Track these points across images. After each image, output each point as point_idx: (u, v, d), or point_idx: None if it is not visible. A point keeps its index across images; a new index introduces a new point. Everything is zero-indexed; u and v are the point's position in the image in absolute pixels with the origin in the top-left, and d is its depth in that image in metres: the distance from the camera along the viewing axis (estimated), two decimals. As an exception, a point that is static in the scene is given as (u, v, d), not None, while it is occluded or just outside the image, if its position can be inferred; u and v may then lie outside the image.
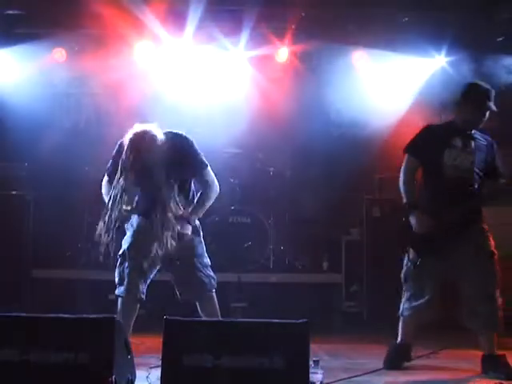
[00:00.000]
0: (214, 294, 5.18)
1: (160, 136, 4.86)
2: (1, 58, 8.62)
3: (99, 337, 3.74)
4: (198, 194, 5.15)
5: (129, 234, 5.11)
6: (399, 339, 5.48)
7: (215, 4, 7.67)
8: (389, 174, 5.50)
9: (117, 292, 5.00)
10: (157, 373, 3.84)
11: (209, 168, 5.13)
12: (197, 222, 5.13)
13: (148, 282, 5.04)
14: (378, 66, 8.71)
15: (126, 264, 4.96)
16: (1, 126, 8.64)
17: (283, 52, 8.65)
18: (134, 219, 5.13)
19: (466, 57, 8.24)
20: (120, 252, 5.03)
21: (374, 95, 8.69)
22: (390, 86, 8.81)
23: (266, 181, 8.74)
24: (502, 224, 7.14)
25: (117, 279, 5.02)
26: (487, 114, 5.30)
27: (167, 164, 4.88)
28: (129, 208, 5.00)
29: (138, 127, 4.83)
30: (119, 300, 4.98)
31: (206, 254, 5.20)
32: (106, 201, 4.98)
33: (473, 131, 5.36)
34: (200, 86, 8.76)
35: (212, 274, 5.18)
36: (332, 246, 8.52)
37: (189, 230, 4.98)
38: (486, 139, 5.41)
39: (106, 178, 5.20)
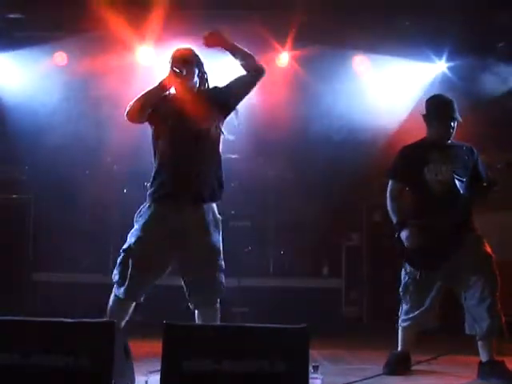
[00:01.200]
0: (219, 305, 4.81)
1: None
2: (2, 61, 8.63)
3: (99, 341, 3.73)
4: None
5: (137, 226, 4.73)
6: (399, 347, 5.49)
7: (216, 8, 7.68)
8: (388, 179, 5.52)
9: (115, 292, 4.68)
10: (156, 378, 3.84)
11: None
12: (217, 217, 4.83)
13: (153, 284, 4.75)
14: (379, 70, 8.72)
15: (130, 262, 4.62)
16: (1, 130, 8.64)
17: (284, 57, 8.66)
18: (145, 207, 4.76)
19: (467, 62, 8.25)
20: (124, 247, 4.69)
21: (375, 100, 8.69)
22: (391, 91, 8.81)
23: (266, 185, 8.74)
24: (501, 229, 7.16)
25: (117, 277, 4.67)
26: (454, 124, 5.37)
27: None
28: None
29: None
30: (115, 299, 4.69)
31: (222, 257, 4.82)
32: None
33: (448, 142, 5.42)
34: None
35: (223, 280, 4.80)
36: (332, 250, 8.53)
37: None
38: (464, 146, 5.48)
39: None
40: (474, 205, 5.35)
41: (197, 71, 4.93)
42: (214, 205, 4.84)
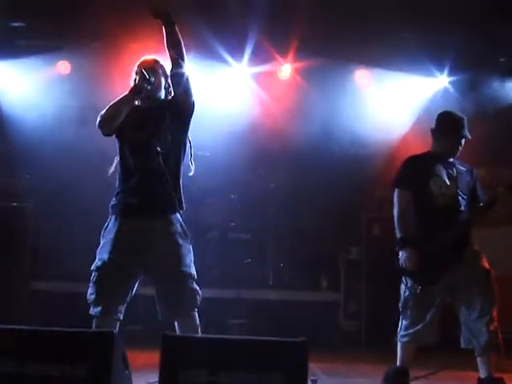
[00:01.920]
0: (196, 313, 4.68)
1: None
2: (5, 70, 8.64)
3: (97, 351, 3.72)
4: None
5: (104, 241, 4.67)
6: (397, 362, 5.46)
7: (218, 20, 7.70)
8: (389, 192, 5.50)
9: (92, 312, 4.58)
10: (153, 388, 3.82)
11: None
12: (185, 228, 4.72)
13: (129, 299, 4.66)
14: (381, 84, 8.73)
15: (104, 280, 4.56)
16: (3, 138, 8.65)
17: (286, 69, 8.68)
18: (111, 221, 4.71)
19: (469, 77, 8.27)
20: (95, 265, 4.63)
21: (376, 114, 8.70)
22: (393, 104, 8.82)
23: (266, 197, 8.75)
24: (501, 245, 7.15)
25: (92, 297, 4.57)
26: (463, 142, 5.40)
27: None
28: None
29: None
30: (95, 320, 4.58)
31: (194, 266, 4.69)
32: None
33: (451, 159, 5.45)
34: (202, 102, 8.74)
35: (197, 288, 4.67)
36: (331, 264, 8.52)
37: None
38: (465, 166, 5.51)
39: None
40: (472, 223, 5.35)
41: (163, 82, 4.88)
42: (179, 215, 4.77)
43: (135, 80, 4.76)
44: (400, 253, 5.30)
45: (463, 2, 7.10)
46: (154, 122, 4.71)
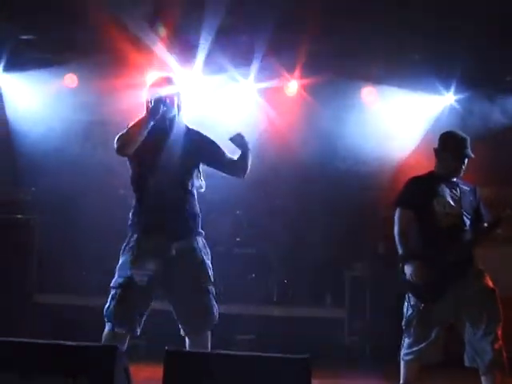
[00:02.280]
0: (209, 333, 4.76)
1: None
2: (13, 82, 8.68)
3: (100, 365, 3.72)
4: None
5: (124, 259, 4.72)
6: (401, 381, 5.43)
7: (225, 35, 7.73)
8: (394, 210, 5.51)
9: (110, 327, 4.62)
10: (156, 403, 3.81)
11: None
12: (206, 244, 4.82)
13: (147, 314, 4.72)
14: (387, 102, 8.74)
15: (123, 297, 4.59)
16: (9, 151, 8.67)
17: (293, 85, 8.69)
18: (131, 239, 4.75)
19: (475, 95, 8.28)
20: (115, 282, 4.67)
21: (382, 131, 8.70)
22: (399, 122, 8.82)
23: (271, 213, 8.75)
24: (504, 265, 7.13)
25: (111, 314, 4.61)
26: (466, 161, 5.42)
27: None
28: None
29: None
30: (109, 333, 4.61)
31: (213, 282, 4.80)
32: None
33: (455, 179, 5.46)
34: (209, 117, 8.79)
35: (216, 305, 4.78)
36: (336, 280, 8.50)
37: None
38: (468, 186, 5.52)
39: None
40: (476, 243, 5.35)
41: (176, 100, 4.91)
42: (200, 232, 4.87)
43: (150, 102, 4.79)
44: (405, 267, 5.28)
45: (469, 19, 7.12)
46: (171, 142, 4.76)
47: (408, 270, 5.27)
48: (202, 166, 4.94)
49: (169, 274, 4.67)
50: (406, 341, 5.36)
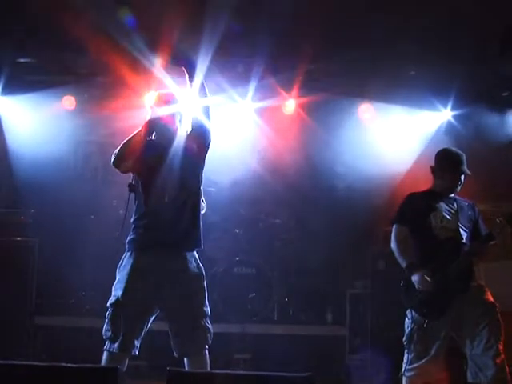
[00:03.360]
0: (207, 351, 4.71)
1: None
2: (11, 105, 8.70)
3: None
4: None
5: (120, 277, 4.67)
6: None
7: (223, 55, 7.75)
8: (391, 226, 5.52)
9: (108, 347, 4.56)
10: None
11: None
12: (200, 265, 4.77)
13: (144, 334, 4.67)
14: (385, 119, 8.77)
15: (120, 316, 4.54)
16: (9, 173, 8.68)
17: (290, 104, 8.72)
18: (127, 257, 4.70)
19: (472, 111, 8.30)
20: (111, 301, 4.63)
21: (380, 148, 8.72)
22: (396, 139, 8.84)
23: (271, 232, 8.75)
24: (503, 280, 7.11)
25: (109, 333, 4.56)
26: (463, 178, 5.45)
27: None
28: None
29: None
30: (109, 355, 4.56)
31: (207, 303, 4.75)
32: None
33: (452, 195, 5.50)
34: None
35: (210, 326, 4.72)
36: (336, 298, 8.48)
37: None
38: (466, 201, 5.56)
39: None
40: (474, 255, 5.36)
41: (180, 117, 4.93)
42: (195, 253, 4.81)
43: (150, 116, 4.82)
44: (412, 278, 5.28)
45: (466, 36, 7.15)
46: (171, 158, 4.74)
47: (415, 279, 5.26)
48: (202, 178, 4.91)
49: (161, 293, 4.64)
50: (408, 357, 5.35)
